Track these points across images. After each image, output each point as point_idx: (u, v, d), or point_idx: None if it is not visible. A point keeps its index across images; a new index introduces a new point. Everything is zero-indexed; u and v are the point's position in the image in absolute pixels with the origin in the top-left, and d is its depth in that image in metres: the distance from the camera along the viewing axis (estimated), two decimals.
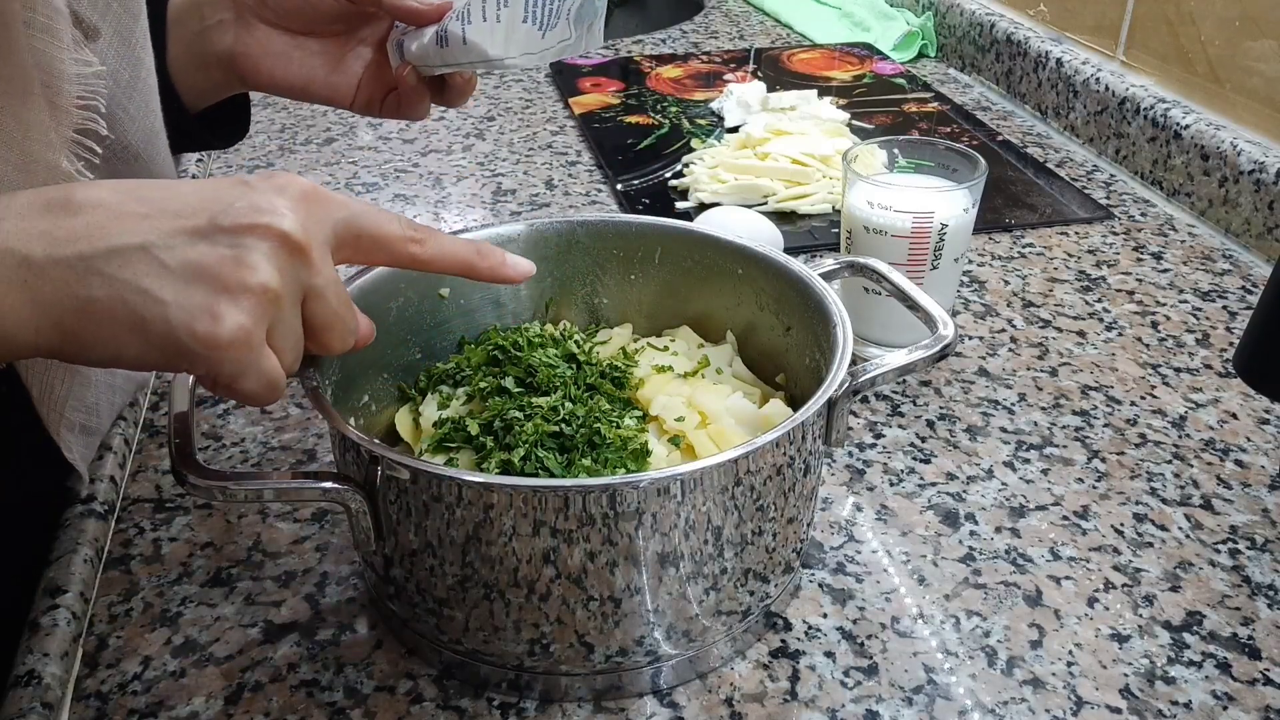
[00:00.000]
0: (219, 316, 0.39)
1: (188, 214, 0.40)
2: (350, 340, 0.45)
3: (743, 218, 0.82)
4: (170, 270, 0.39)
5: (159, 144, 0.59)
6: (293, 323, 0.41)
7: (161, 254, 0.39)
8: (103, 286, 0.38)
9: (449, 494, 0.44)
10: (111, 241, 0.39)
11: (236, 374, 0.40)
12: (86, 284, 0.38)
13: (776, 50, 1.35)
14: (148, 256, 0.39)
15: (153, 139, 0.58)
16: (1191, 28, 0.97)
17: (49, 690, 0.48)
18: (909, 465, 0.65)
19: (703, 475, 0.44)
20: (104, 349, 0.40)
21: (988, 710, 0.49)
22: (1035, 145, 1.09)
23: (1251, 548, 0.58)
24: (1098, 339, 0.77)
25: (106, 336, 0.39)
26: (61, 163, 0.48)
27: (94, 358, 0.40)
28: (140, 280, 0.38)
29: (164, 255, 0.39)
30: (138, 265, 0.38)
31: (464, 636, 0.49)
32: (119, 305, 0.38)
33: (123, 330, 0.39)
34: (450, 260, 0.47)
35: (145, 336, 0.39)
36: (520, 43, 0.57)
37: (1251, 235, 0.88)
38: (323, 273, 0.42)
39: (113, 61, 0.54)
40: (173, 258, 0.39)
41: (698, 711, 0.49)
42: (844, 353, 0.50)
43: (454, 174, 1.03)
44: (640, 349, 0.60)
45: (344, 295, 0.43)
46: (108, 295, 0.38)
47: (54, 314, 0.38)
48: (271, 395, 0.42)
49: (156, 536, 0.59)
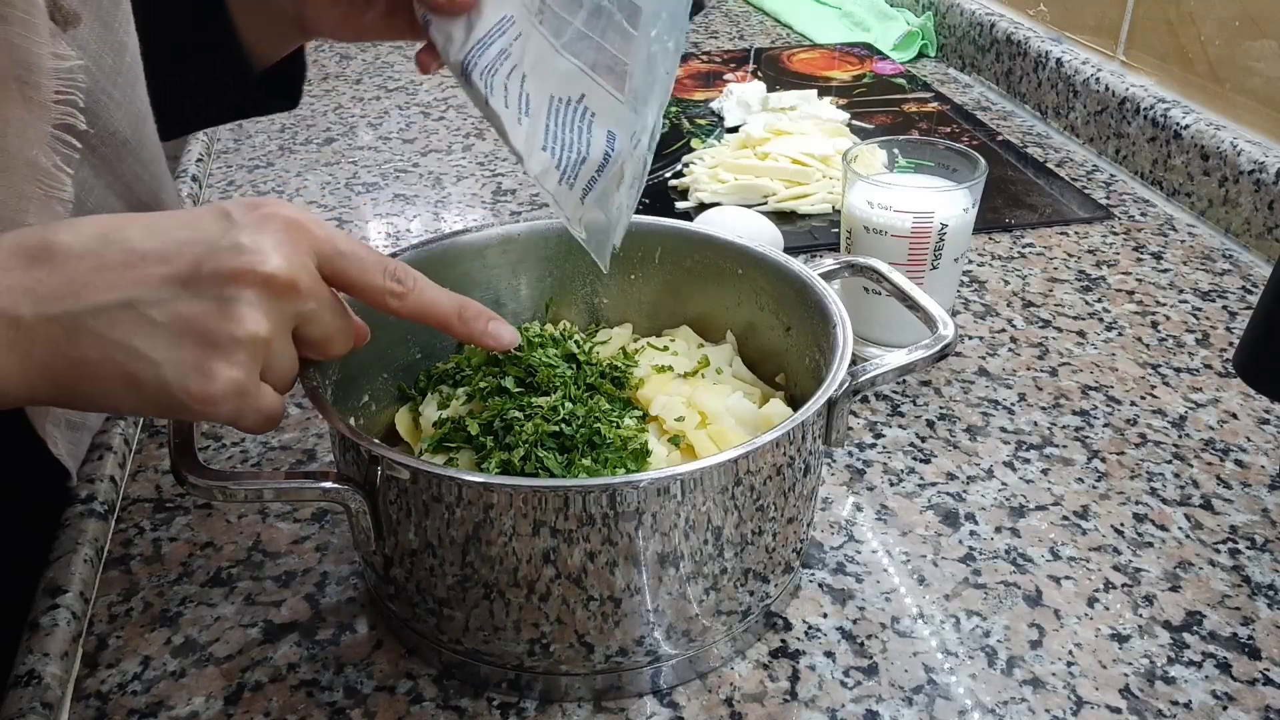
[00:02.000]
0: (211, 374, 0.38)
1: (171, 259, 0.39)
2: (349, 344, 0.45)
3: (743, 218, 0.82)
4: (159, 326, 0.38)
5: (146, 130, 0.59)
6: (286, 353, 0.41)
7: (149, 310, 0.38)
8: (94, 346, 0.38)
9: (449, 494, 0.44)
10: (97, 299, 0.38)
11: (234, 418, 0.40)
12: (77, 344, 0.38)
13: (776, 50, 1.35)
14: (135, 314, 0.38)
15: (140, 124, 0.58)
16: (1191, 28, 0.97)
17: (49, 690, 0.48)
18: (909, 465, 0.65)
19: (703, 475, 0.44)
20: (100, 402, 0.40)
21: (988, 710, 0.49)
22: (1035, 145, 1.09)
23: (1251, 548, 0.58)
24: (1098, 339, 0.77)
25: (101, 392, 0.39)
26: (40, 159, 0.47)
27: (91, 408, 0.40)
28: (130, 339, 0.38)
29: (152, 311, 0.38)
30: (126, 324, 0.38)
31: (464, 636, 0.49)
32: (111, 364, 0.38)
33: (117, 387, 0.39)
34: (428, 319, 0.46)
35: (140, 392, 0.39)
36: (538, 162, 0.51)
37: (1251, 235, 0.88)
38: (314, 297, 0.41)
39: (95, 47, 0.53)
40: (161, 313, 0.38)
41: (698, 711, 0.49)
42: (844, 353, 0.50)
43: (454, 174, 1.03)
44: (640, 349, 0.60)
45: (339, 307, 0.43)
46: (99, 355, 0.38)
47: (47, 372, 0.39)
48: (270, 425, 0.42)
49: (156, 536, 0.59)
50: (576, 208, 0.52)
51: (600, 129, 0.51)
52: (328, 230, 0.42)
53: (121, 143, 0.57)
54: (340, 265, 0.42)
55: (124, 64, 0.56)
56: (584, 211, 0.52)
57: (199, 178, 1.01)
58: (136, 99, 0.58)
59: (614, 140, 0.51)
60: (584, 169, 0.51)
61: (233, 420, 0.40)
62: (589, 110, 0.51)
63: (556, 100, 0.51)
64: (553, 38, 0.52)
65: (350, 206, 0.97)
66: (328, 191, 1.00)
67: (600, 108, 0.51)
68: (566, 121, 0.51)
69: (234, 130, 1.13)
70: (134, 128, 0.58)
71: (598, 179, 0.51)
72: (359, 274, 0.43)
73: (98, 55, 0.54)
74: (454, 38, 0.53)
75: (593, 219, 0.53)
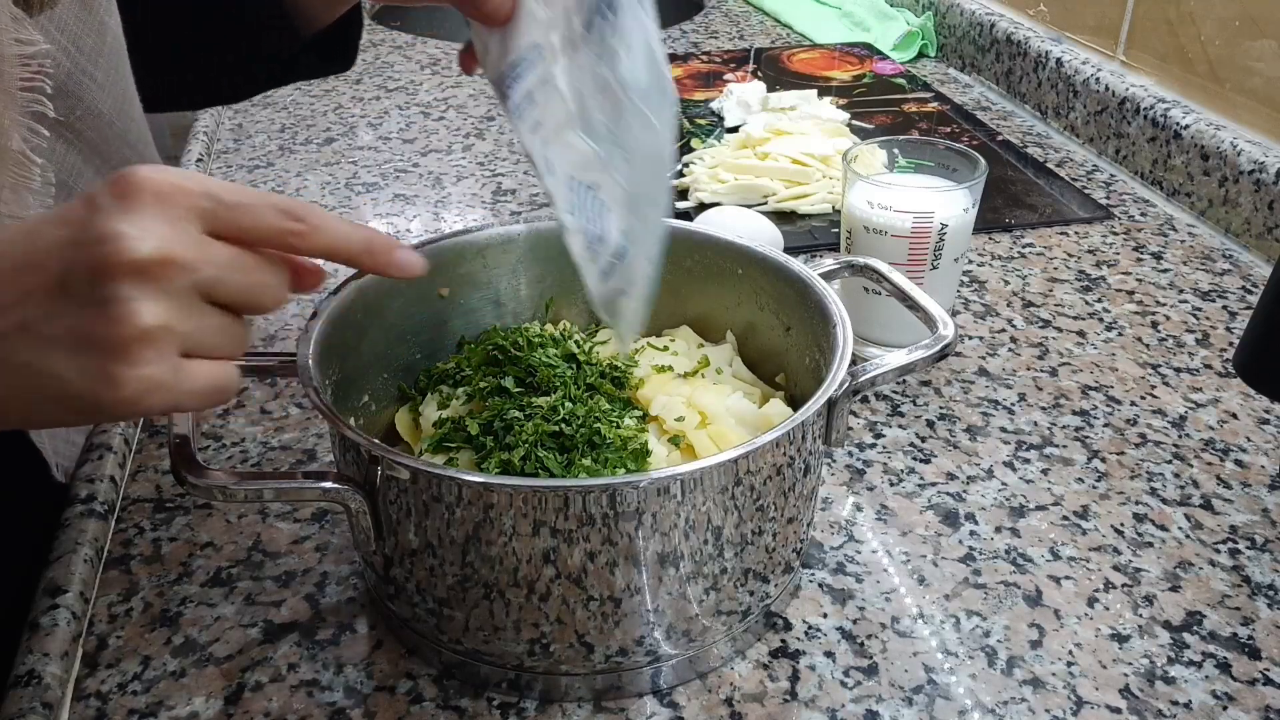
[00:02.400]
0: (116, 380, 0.37)
1: (44, 266, 0.37)
2: (283, 292, 0.42)
3: (743, 218, 0.82)
4: (54, 341, 0.37)
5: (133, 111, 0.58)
6: (206, 325, 0.39)
7: (40, 327, 0.37)
8: (3, 373, 0.37)
9: (449, 494, 0.44)
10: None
11: (169, 406, 0.39)
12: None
13: (776, 50, 1.35)
14: (29, 335, 0.37)
15: (125, 106, 0.57)
16: (1191, 28, 0.97)
17: (49, 690, 0.48)
18: (909, 465, 0.65)
19: (703, 475, 0.44)
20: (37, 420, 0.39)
21: (988, 710, 0.49)
22: (1035, 145, 1.09)
23: (1251, 548, 0.58)
24: (1098, 339, 0.77)
25: (31, 412, 0.39)
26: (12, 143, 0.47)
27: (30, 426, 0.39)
28: (31, 361, 0.37)
29: (42, 328, 0.37)
30: (23, 346, 0.37)
31: (464, 636, 0.49)
32: (23, 387, 0.38)
33: (40, 405, 0.38)
34: (336, 255, 0.42)
35: (62, 406, 0.38)
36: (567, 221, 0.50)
37: (1251, 235, 0.88)
38: (206, 263, 0.38)
39: (74, 28, 0.52)
40: (51, 328, 0.37)
41: (698, 711, 0.49)
42: (844, 353, 0.50)
43: (454, 174, 1.03)
44: (640, 349, 0.60)
45: (248, 262, 0.40)
46: (12, 380, 0.37)
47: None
48: (220, 397, 0.40)
49: (156, 536, 0.59)
50: (597, 284, 0.51)
51: (614, 223, 0.50)
52: (205, 184, 0.39)
53: (107, 124, 0.56)
54: (229, 218, 0.39)
55: (105, 44, 0.55)
56: (603, 290, 0.51)
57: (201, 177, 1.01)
58: (121, 80, 0.57)
59: (627, 239, 0.50)
60: (603, 249, 0.50)
61: (170, 409, 0.39)
62: (604, 202, 0.50)
63: (574, 180, 0.50)
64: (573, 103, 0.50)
65: (350, 206, 0.97)
66: (328, 191, 1.00)
67: (613, 204, 0.50)
68: (584, 202, 0.50)
69: (234, 130, 1.13)
70: (119, 109, 0.57)
71: (616, 266, 0.50)
72: (252, 222, 0.40)
73: (77, 36, 0.53)
74: (490, 50, 0.51)
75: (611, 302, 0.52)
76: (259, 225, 0.40)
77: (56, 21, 0.50)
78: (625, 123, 0.49)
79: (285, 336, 0.78)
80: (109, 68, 0.55)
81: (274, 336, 0.78)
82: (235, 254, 0.40)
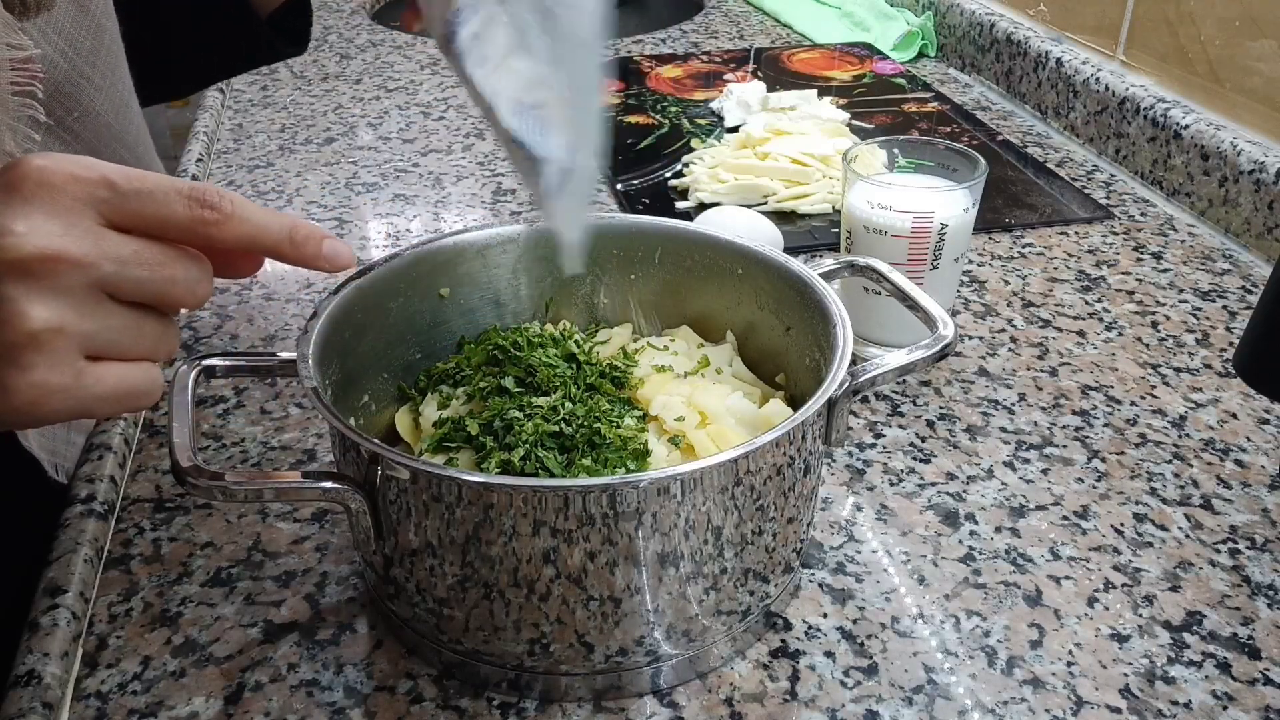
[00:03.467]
0: (9, 387, 0.35)
1: None
2: (202, 286, 0.39)
3: (743, 218, 0.82)
4: None
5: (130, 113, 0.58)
6: (110, 324, 0.36)
7: None
8: None
9: (449, 494, 0.44)
10: None
11: (73, 412, 0.37)
12: None
13: (776, 50, 1.35)
14: None
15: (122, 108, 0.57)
16: (1191, 28, 0.97)
17: (49, 690, 0.48)
18: (909, 465, 0.65)
19: (703, 475, 0.44)
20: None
21: (988, 710, 0.49)
22: (1035, 145, 1.09)
23: (1251, 548, 0.58)
24: (1098, 339, 0.77)
25: None
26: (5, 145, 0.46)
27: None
28: None
29: None
30: None
31: (464, 636, 0.49)
32: None
33: None
34: (255, 246, 0.40)
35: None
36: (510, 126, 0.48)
37: (1251, 235, 0.88)
38: (103, 259, 0.36)
39: (71, 30, 0.52)
40: None
41: (698, 711, 0.49)
42: (844, 353, 0.50)
43: (454, 174, 1.03)
44: (640, 349, 0.60)
45: (153, 254, 0.37)
46: None
47: None
48: (139, 399, 0.38)
49: (156, 536, 0.59)
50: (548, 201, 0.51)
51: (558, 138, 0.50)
52: (100, 171, 0.36)
53: (104, 125, 0.56)
54: (130, 207, 0.36)
55: (103, 45, 0.55)
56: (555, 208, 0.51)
57: (199, 178, 1.01)
58: (118, 81, 0.57)
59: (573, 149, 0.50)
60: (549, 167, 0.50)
61: (76, 415, 0.37)
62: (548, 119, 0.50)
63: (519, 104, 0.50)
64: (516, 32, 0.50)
65: (350, 206, 0.97)
66: (328, 191, 1.00)
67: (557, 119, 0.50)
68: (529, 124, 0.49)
69: (234, 130, 1.13)
70: (116, 111, 0.57)
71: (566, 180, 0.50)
72: (155, 211, 0.37)
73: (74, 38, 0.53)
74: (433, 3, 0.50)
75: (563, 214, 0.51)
76: (164, 215, 0.37)
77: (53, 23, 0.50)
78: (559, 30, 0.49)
79: (285, 336, 0.78)
80: (106, 69, 0.55)
81: (274, 336, 0.78)
82: (139, 246, 0.37)
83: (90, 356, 0.36)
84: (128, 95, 0.58)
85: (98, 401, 0.37)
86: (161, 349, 0.38)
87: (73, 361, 0.36)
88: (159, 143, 0.67)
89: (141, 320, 0.38)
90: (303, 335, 0.50)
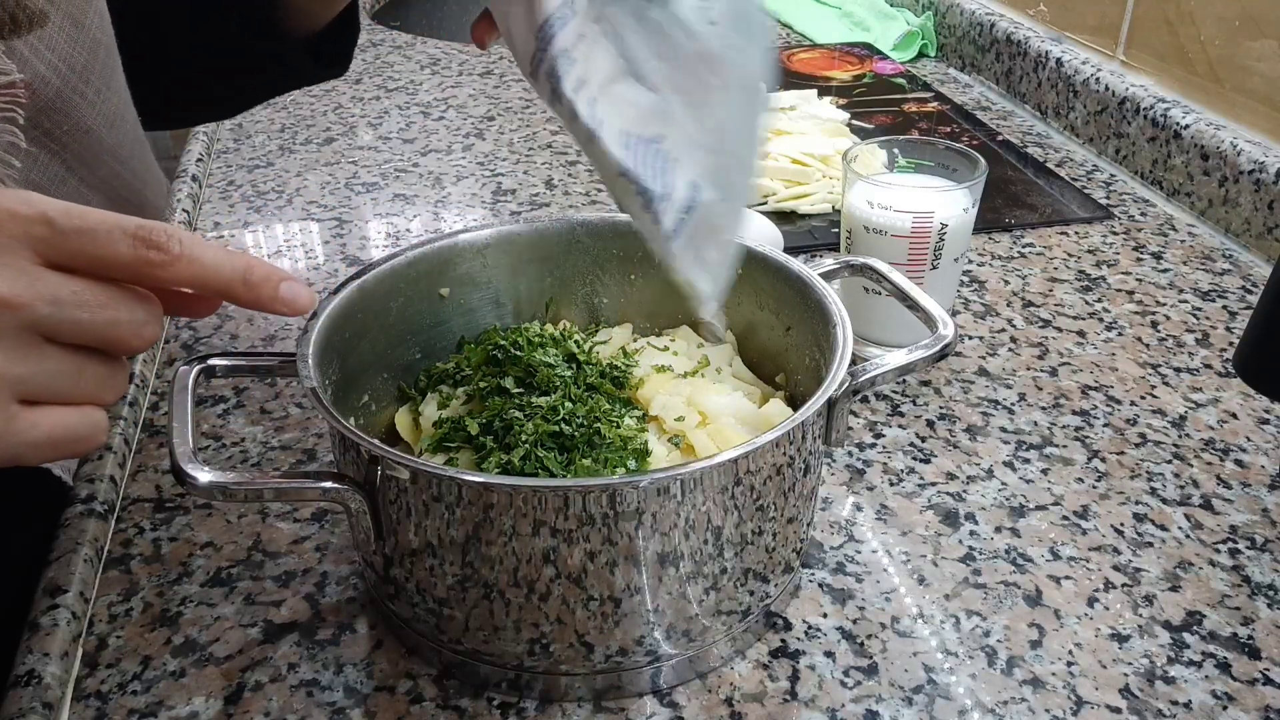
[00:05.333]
0: None
1: None
2: (150, 329, 0.37)
3: None
4: None
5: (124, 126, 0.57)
6: (45, 368, 0.35)
7: None
8: None
9: (449, 494, 0.44)
10: None
11: (8, 458, 0.35)
12: None
13: (776, 50, 1.35)
14: None
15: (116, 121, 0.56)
16: (1191, 28, 0.97)
17: (49, 690, 0.48)
18: (909, 465, 0.65)
19: (703, 475, 0.44)
20: None
21: (988, 710, 0.49)
22: (1035, 145, 1.09)
23: (1251, 548, 0.58)
24: (1098, 339, 0.77)
25: None
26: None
27: None
28: None
29: None
30: None
31: (464, 636, 0.49)
32: None
33: None
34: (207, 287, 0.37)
35: None
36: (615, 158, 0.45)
37: (1251, 235, 0.88)
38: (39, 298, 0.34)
39: (64, 46, 0.51)
40: None
41: (698, 711, 0.49)
42: (844, 353, 0.50)
43: (454, 174, 1.03)
44: (640, 349, 0.60)
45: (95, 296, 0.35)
46: None
47: None
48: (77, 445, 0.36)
49: (156, 536, 0.59)
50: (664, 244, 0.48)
51: (681, 175, 0.46)
52: (40, 207, 0.34)
53: (96, 139, 0.55)
54: (70, 246, 0.34)
55: (97, 60, 0.55)
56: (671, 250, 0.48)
57: (199, 178, 1.01)
58: (112, 95, 0.56)
59: (698, 191, 0.47)
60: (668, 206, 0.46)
61: (9, 462, 0.35)
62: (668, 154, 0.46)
63: (629, 136, 0.46)
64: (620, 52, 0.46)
65: (350, 206, 0.97)
66: (328, 191, 1.00)
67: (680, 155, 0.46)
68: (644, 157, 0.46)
69: (234, 130, 1.13)
70: (110, 123, 0.56)
71: (686, 221, 0.47)
72: (96, 250, 0.35)
73: (68, 55, 0.52)
74: (513, 13, 0.47)
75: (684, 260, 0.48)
76: (106, 254, 0.35)
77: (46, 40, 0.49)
78: (686, 65, 0.46)
79: (285, 336, 0.78)
80: (100, 84, 0.55)
81: (274, 336, 0.78)
82: (80, 287, 0.35)
83: (25, 401, 0.35)
84: (123, 107, 0.57)
85: (30, 448, 0.35)
86: (107, 393, 0.37)
87: (4, 406, 0.34)
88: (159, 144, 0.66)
89: (83, 363, 0.36)
90: (303, 335, 0.50)
